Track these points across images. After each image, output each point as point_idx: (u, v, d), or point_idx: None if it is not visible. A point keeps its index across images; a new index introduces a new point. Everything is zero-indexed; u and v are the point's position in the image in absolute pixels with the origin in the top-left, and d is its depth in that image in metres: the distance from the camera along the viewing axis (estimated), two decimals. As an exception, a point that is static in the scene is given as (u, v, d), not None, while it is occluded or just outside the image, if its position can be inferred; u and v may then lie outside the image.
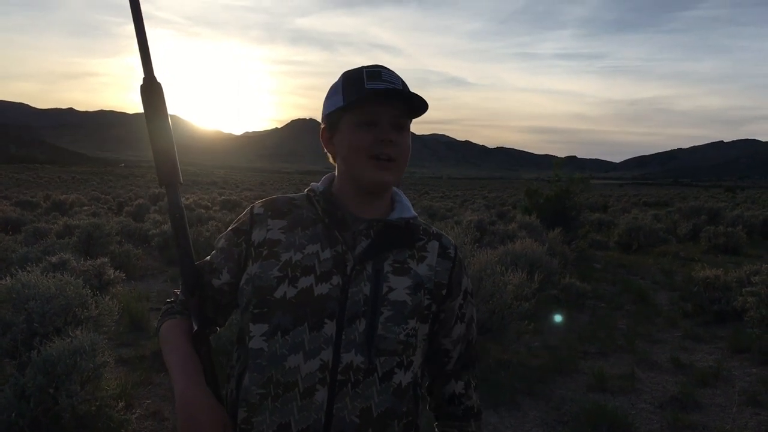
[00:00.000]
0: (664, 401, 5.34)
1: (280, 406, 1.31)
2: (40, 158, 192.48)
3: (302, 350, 1.32)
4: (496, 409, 5.07)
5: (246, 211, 1.51)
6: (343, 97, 1.41)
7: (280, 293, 1.35)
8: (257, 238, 1.43)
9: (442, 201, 39.14)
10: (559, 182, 15.51)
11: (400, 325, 1.39)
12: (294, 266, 1.37)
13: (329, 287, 1.36)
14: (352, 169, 1.42)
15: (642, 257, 14.34)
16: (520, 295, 6.06)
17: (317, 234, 1.41)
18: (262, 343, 1.35)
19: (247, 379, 1.35)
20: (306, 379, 1.32)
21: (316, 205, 1.45)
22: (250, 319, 1.38)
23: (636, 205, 40.56)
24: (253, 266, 1.41)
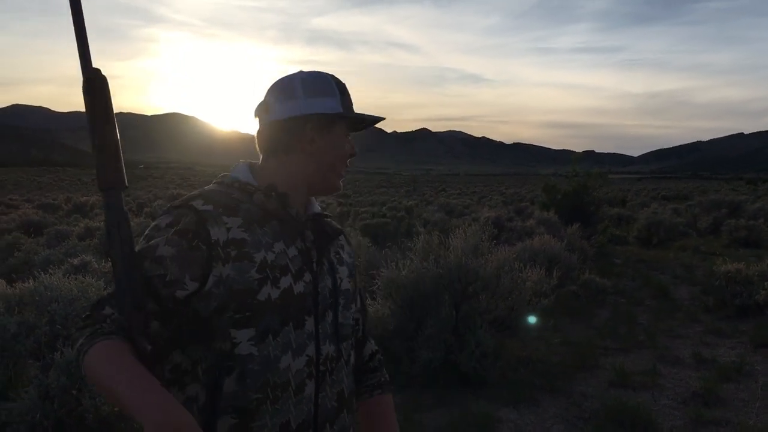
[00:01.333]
0: (686, 397, 5.29)
1: (280, 407, 1.36)
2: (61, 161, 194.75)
3: (290, 349, 1.38)
4: (516, 405, 5.05)
5: (180, 210, 1.37)
6: (341, 104, 1.47)
7: (264, 295, 1.34)
8: (219, 237, 1.33)
9: (459, 198, 39.06)
10: (577, 177, 15.41)
11: (349, 311, 1.55)
12: (272, 266, 1.37)
13: (304, 285, 1.42)
14: (326, 174, 1.51)
15: (662, 252, 14.22)
16: (538, 291, 6.03)
17: (276, 231, 1.42)
18: (250, 348, 1.33)
19: (233, 385, 1.32)
20: (296, 376, 1.38)
21: (266, 200, 1.42)
22: (230, 325, 1.32)
23: (655, 199, 40.19)
24: (223, 268, 1.32)
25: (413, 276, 5.72)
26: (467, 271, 5.63)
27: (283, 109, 1.46)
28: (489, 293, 5.73)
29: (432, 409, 4.94)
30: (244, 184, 1.45)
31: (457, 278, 5.62)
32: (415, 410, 4.90)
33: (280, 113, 1.47)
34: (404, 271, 5.79)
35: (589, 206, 14.81)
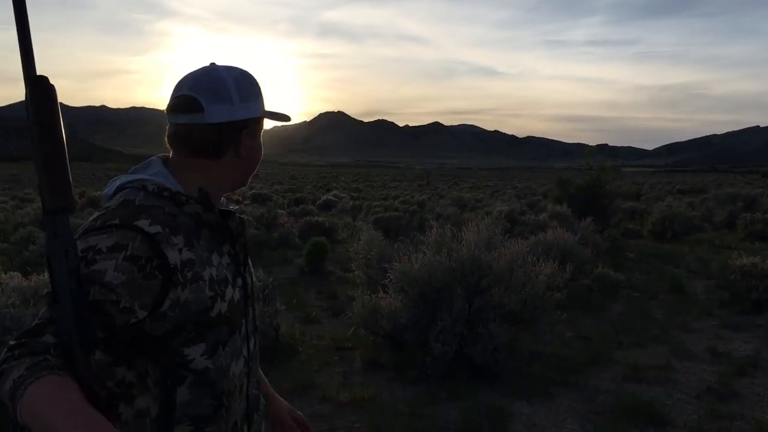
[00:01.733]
0: (701, 391, 5.27)
1: (231, 410, 1.40)
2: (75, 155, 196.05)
3: (234, 355, 1.40)
4: (530, 399, 5.05)
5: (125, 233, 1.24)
6: (262, 107, 1.47)
7: (216, 311, 1.33)
8: (175, 260, 1.26)
9: (471, 192, 38.98)
10: (590, 171, 15.33)
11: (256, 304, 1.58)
12: (218, 282, 1.35)
13: (239, 290, 1.43)
14: (247, 174, 1.51)
15: (677, 246, 14.12)
16: (552, 285, 6.01)
17: (208, 242, 1.37)
18: (205, 362, 1.32)
19: (186, 394, 1.31)
20: (239, 378, 1.43)
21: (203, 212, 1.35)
22: (182, 344, 1.29)
23: (670, 192, 39.91)
24: (182, 292, 1.26)
25: (426, 269, 5.71)
26: (480, 264, 5.62)
27: (219, 112, 1.37)
28: (502, 287, 5.72)
29: (445, 403, 4.95)
30: (174, 194, 1.34)
31: (470, 271, 5.61)
32: (428, 403, 4.90)
33: (215, 116, 1.37)
34: (417, 265, 5.79)
35: (603, 200, 14.73)
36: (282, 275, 10.03)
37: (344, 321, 6.85)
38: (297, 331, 6.71)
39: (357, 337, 6.24)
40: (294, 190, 39.36)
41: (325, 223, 14.98)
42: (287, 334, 6.40)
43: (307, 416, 4.72)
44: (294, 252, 12.53)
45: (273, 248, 13.06)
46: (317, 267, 10.67)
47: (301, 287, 9.33)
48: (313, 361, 5.92)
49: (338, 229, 15.05)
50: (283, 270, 10.86)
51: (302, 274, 10.52)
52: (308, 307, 8.05)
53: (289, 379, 5.34)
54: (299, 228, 14.75)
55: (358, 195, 34.90)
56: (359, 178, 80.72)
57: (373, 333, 5.92)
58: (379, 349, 5.95)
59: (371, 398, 4.97)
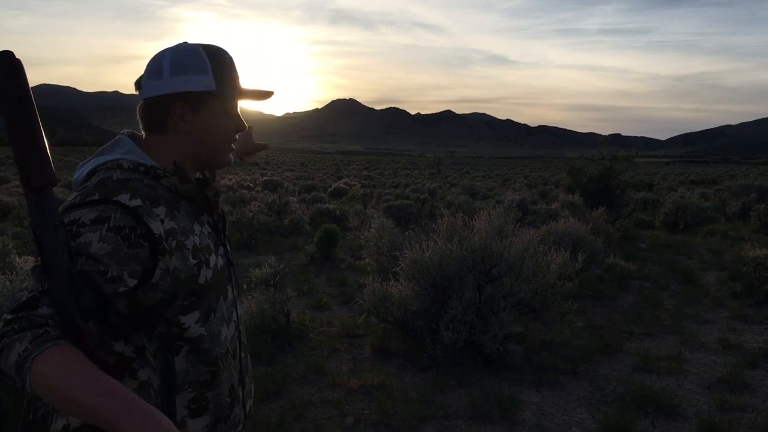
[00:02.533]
0: (711, 382, 5.25)
1: (227, 375, 1.48)
2: (87, 140, 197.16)
3: (224, 320, 1.48)
4: (539, 388, 5.05)
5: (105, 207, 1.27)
6: (215, 81, 1.43)
7: (203, 278, 1.40)
8: (158, 230, 1.30)
9: (483, 180, 38.89)
10: (602, 161, 15.23)
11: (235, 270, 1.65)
12: (201, 250, 1.41)
13: (221, 257, 1.51)
14: (212, 151, 1.50)
15: (689, 237, 14.03)
16: (563, 274, 5.99)
17: (188, 212, 1.44)
18: (199, 330, 1.39)
19: (183, 362, 1.37)
20: (231, 343, 1.50)
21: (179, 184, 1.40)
22: (179, 312, 1.35)
23: (683, 183, 39.68)
24: (170, 260, 1.31)
25: (437, 257, 5.71)
26: (491, 253, 5.61)
27: (150, 87, 1.43)
28: (513, 276, 5.71)
29: (454, 390, 4.96)
30: (150, 168, 1.39)
31: (481, 260, 5.61)
32: (438, 391, 4.92)
33: (147, 91, 1.44)
34: (428, 253, 5.79)
35: (615, 190, 14.64)
36: (292, 262, 10.07)
37: (354, 308, 6.87)
38: (307, 317, 6.74)
39: (367, 324, 6.26)
40: (305, 177, 39.41)
41: (336, 211, 14.99)
42: (297, 321, 6.43)
43: (317, 402, 4.76)
44: (305, 239, 12.56)
45: (284, 235, 13.09)
46: (328, 254, 10.69)
47: (312, 274, 9.35)
48: (324, 347, 5.94)
49: (349, 216, 15.07)
50: (294, 257, 10.89)
51: (313, 261, 10.55)
52: (318, 294, 8.07)
53: (300, 365, 5.37)
54: (310, 215, 14.77)
55: (369, 182, 34.89)
56: (370, 166, 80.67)
57: (384, 320, 5.93)
58: (389, 337, 5.96)
59: (381, 385, 4.99)
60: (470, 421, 4.47)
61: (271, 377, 4.97)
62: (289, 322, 6.16)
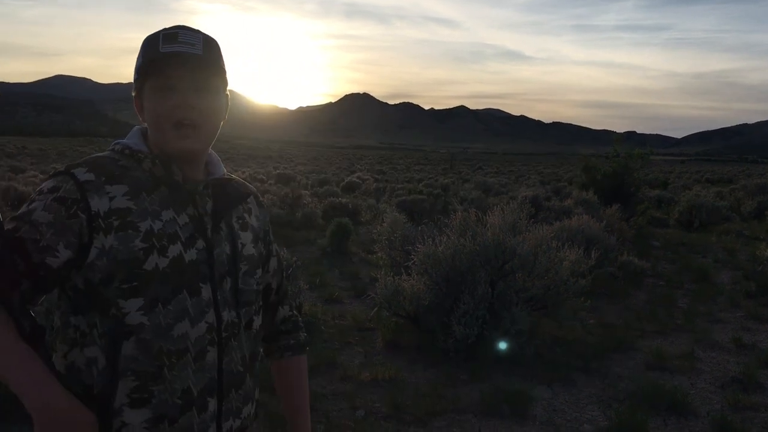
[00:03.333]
0: (724, 381, 5.22)
1: (177, 374, 1.35)
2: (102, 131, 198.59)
3: (187, 317, 1.36)
4: (551, 384, 5.04)
5: (62, 177, 1.33)
6: (141, 62, 1.39)
7: (150, 265, 1.32)
8: (99, 207, 1.30)
9: (496, 177, 38.78)
10: (617, 158, 15.14)
11: (253, 277, 1.52)
12: (159, 235, 1.34)
13: (196, 252, 1.39)
14: (159, 136, 1.40)
15: (703, 235, 13.94)
16: (576, 271, 5.97)
17: (165, 199, 1.38)
18: (140, 318, 1.31)
19: (131, 349, 1.31)
20: (196, 344, 1.37)
21: (153, 166, 1.39)
22: (118, 295, 1.30)
23: (698, 181, 39.38)
24: (106, 239, 1.29)
25: (450, 252, 5.71)
26: (504, 248, 5.60)
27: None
28: (525, 272, 5.70)
29: (466, 385, 4.96)
30: (134, 151, 1.40)
31: (494, 255, 5.60)
32: (449, 385, 4.92)
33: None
34: (441, 247, 5.79)
35: (629, 187, 14.56)
36: (305, 255, 10.09)
37: (366, 302, 6.88)
38: (319, 310, 6.76)
39: (379, 318, 6.27)
40: (318, 171, 39.47)
41: (349, 205, 15.01)
42: (309, 313, 6.45)
43: (329, 395, 4.77)
44: (317, 232, 12.58)
45: (296, 228, 13.13)
46: (340, 248, 10.72)
47: (324, 267, 9.37)
48: (335, 340, 5.97)
49: (361, 210, 15.08)
50: (307, 250, 10.92)
51: (325, 254, 10.58)
52: (331, 287, 8.10)
53: (312, 357, 5.38)
54: (323, 209, 14.80)
55: (381, 177, 34.89)
56: (383, 161, 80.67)
57: (396, 314, 5.94)
58: (400, 331, 5.97)
59: (392, 378, 5.00)
60: (481, 415, 4.48)
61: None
62: (301, 315, 6.18)
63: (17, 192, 15.09)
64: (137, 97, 1.43)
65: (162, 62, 1.36)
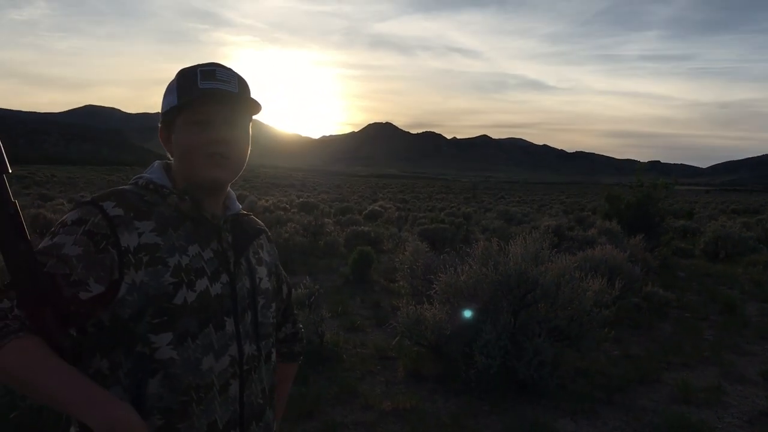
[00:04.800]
0: (752, 416, 5.12)
1: (205, 408, 1.37)
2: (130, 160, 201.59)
3: (212, 351, 1.38)
4: (574, 417, 4.98)
5: (89, 209, 1.34)
6: (177, 96, 1.43)
7: (180, 299, 1.34)
8: (129, 243, 1.32)
9: (518, 206, 38.62)
10: (641, 188, 15.04)
11: (269, 310, 1.58)
12: (187, 270, 1.36)
13: (221, 286, 1.43)
14: (188, 169, 1.44)
15: (730, 266, 13.74)
16: (599, 302, 5.92)
17: (190, 234, 1.41)
18: (170, 352, 1.33)
19: (157, 386, 1.32)
20: (220, 377, 1.40)
21: (180, 201, 1.41)
22: (149, 330, 1.32)
23: (724, 212, 38.86)
24: (136, 274, 1.31)
25: (472, 281, 5.71)
26: (527, 278, 5.58)
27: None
28: (548, 302, 5.67)
29: (487, 416, 4.92)
30: (159, 186, 1.43)
31: (516, 285, 5.58)
32: (471, 416, 4.89)
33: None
34: (463, 276, 5.78)
35: (654, 217, 14.44)
36: (327, 283, 10.12)
37: (388, 330, 6.88)
38: (341, 338, 6.76)
39: (400, 347, 6.25)
40: (341, 199, 39.65)
41: (371, 233, 15.05)
42: (331, 341, 6.46)
43: (350, 424, 4.76)
44: (339, 260, 12.62)
45: (319, 256, 13.18)
46: (362, 276, 10.73)
47: (346, 295, 9.38)
48: (357, 368, 5.96)
49: (384, 239, 15.11)
50: (329, 278, 10.95)
51: (347, 282, 10.59)
52: (353, 316, 8.10)
53: (333, 386, 5.38)
54: (345, 237, 14.85)
55: (404, 206, 34.94)
56: (405, 189, 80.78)
57: (417, 343, 5.93)
58: (422, 360, 5.95)
59: (414, 408, 4.98)
60: (503, 447, 4.43)
61: (303, 398, 5.00)
62: (323, 343, 6.20)
63: (46, 219, 15.35)
64: (164, 129, 1.47)
65: (200, 98, 1.41)
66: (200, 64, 1.46)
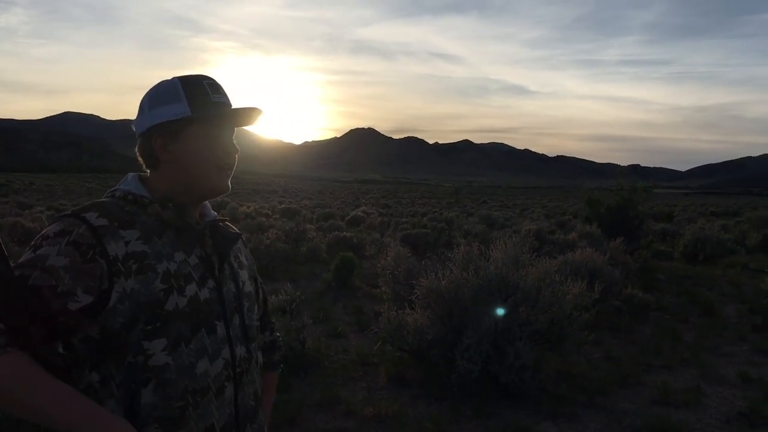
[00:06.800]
0: (731, 416, 5.17)
1: (203, 412, 1.39)
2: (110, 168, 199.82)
3: (206, 354, 1.40)
4: (555, 420, 5.00)
5: (71, 221, 1.33)
6: (189, 106, 1.45)
7: (171, 305, 1.35)
8: (117, 252, 1.32)
9: (500, 210, 38.80)
10: (621, 191, 15.18)
11: (254, 313, 1.61)
12: (176, 276, 1.38)
13: (209, 291, 1.45)
14: (197, 179, 1.48)
15: (709, 268, 13.90)
16: (579, 305, 5.96)
17: (174, 241, 1.43)
18: (165, 358, 1.33)
19: (151, 396, 1.32)
20: (215, 380, 1.42)
21: (162, 210, 1.42)
22: (142, 338, 1.32)
23: (702, 214, 39.29)
24: (126, 282, 1.31)
25: (453, 286, 5.72)
26: (507, 282, 5.61)
27: (137, 124, 1.50)
28: (529, 305, 5.70)
29: (470, 421, 4.93)
30: (138, 197, 1.44)
31: (497, 289, 5.60)
32: (453, 421, 4.89)
33: (136, 129, 1.51)
34: (444, 281, 5.80)
35: (633, 220, 14.56)
36: (309, 289, 10.09)
37: (370, 336, 6.87)
38: (323, 345, 6.74)
39: (383, 353, 6.25)
40: (323, 205, 39.58)
41: (353, 239, 15.05)
42: (313, 348, 6.43)
43: (332, 430, 4.74)
44: (322, 266, 12.60)
45: (301, 262, 13.15)
46: (344, 282, 10.72)
47: (328, 302, 9.37)
48: (339, 375, 5.94)
49: (366, 244, 15.10)
50: (311, 284, 10.92)
51: (329, 288, 10.57)
52: (335, 322, 8.09)
53: (315, 392, 5.37)
54: (327, 243, 14.83)
55: (386, 211, 34.97)
56: (388, 195, 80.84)
57: (399, 349, 5.93)
58: (404, 365, 5.95)
59: (396, 414, 4.98)
60: (485, 451, 4.44)
61: (285, 405, 4.98)
62: (304, 350, 6.18)
63: (24, 228, 15.16)
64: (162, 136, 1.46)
65: (213, 111, 1.46)
66: (202, 75, 1.51)
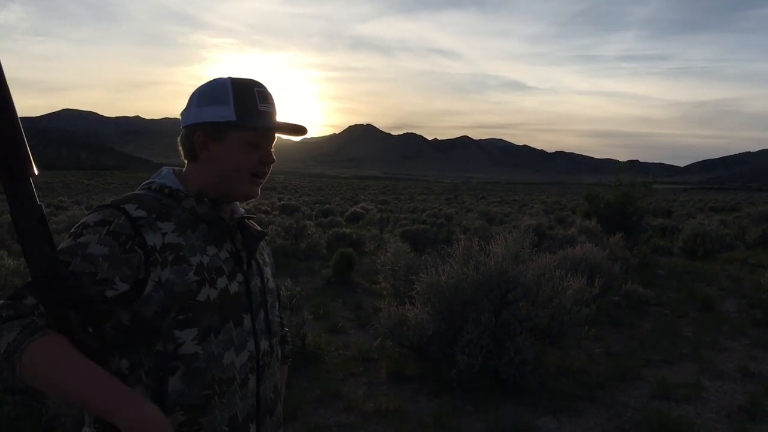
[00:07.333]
0: (731, 411, 5.18)
1: (227, 401, 1.43)
2: (108, 165, 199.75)
3: (233, 346, 1.44)
4: (556, 414, 5.01)
5: (111, 211, 1.37)
6: (235, 111, 1.47)
7: (203, 296, 1.39)
8: (155, 242, 1.36)
9: (499, 206, 38.80)
10: (620, 187, 15.18)
11: (276, 309, 1.66)
12: (208, 269, 1.42)
13: (238, 284, 1.49)
14: (229, 182, 1.50)
15: (708, 264, 13.90)
16: (579, 300, 5.96)
17: (207, 235, 1.47)
18: (195, 347, 1.38)
19: (179, 383, 1.36)
20: (240, 371, 1.46)
21: (197, 204, 1.46)
22: (174, 326, 1.36)
23: (702, 210, 39.32)
24: (162, 272, 1.36)
25: (453, 281, 5.72)
26: (507, 277, 5.61)
27: (184, 117, 1.53)
28: (529, 301, 5.70)
29: (470, 416, 4.93)
30: (174, 191, 1.48)
31: (497, 285, 5.60)
32: (453, 416, 4.90)
33: (182, 121, 1.53)
34: (444, 277, 5.80)
35: (633, 216, 14.57)
36: (309, 285, 10.09)
37: (370, 332, 6.87)
38: (323, 340, 6.75)
39: (383, 348, 6.25)
40: (322, 201, 39.57)
41: (353, 235, 15.04)
42: (313, 344, 6.44)
43: (333, 425, 4.75)
44: (321, 263, 12.59)
45: (300, 259, 13.14)
46: (344, 278, 10.72)
47: (328, 298, 9.37)
48: (339, 370, 5.95)
49: (365, 240, 15.10)
50: (310, 280, 10.92)
51: (329, 284, 10.57)
52: (335, 317, 8.09)
53: (315, 388, 5.37)
54: (327, 239, 14.83)
55: (385, 207, 34.96)
56: (387, 191, 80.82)
57: (399, 344, 5.93)
58: (404, 361, 5.95)
59: (396, 409, 4.98)
60: (486, 446, 4.44)
61: (286, 400, 4.95)
62: (305, 345, 6.18)
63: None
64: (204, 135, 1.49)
65: (258, 121, 1.49)
66: (254, 81, 1.52)
